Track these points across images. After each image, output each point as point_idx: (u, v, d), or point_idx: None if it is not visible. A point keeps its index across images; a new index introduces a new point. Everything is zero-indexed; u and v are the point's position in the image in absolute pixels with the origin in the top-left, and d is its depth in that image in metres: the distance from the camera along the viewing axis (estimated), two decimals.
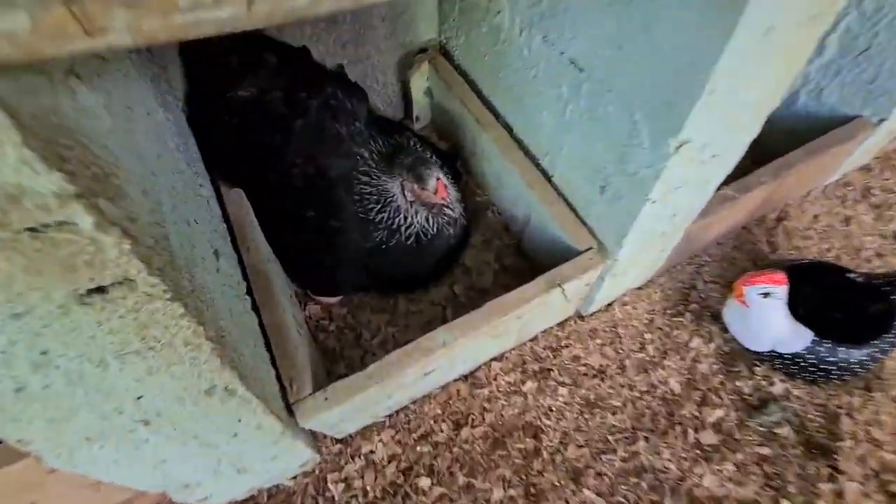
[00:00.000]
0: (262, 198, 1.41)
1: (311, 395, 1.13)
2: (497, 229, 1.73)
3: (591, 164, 1.25)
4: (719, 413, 1.47)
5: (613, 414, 1.48)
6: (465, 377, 1.53)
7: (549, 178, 1.46)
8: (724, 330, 1.61)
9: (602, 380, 1.54)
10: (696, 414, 1.48)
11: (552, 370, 1.55)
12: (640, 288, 1.70)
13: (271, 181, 1.37)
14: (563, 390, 1.52)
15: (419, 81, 1.81)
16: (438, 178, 1.37)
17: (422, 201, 1.40)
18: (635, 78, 0.99)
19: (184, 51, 1.36)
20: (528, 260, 1.67)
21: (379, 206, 1.40)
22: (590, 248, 1.32)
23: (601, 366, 1.56)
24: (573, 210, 1.40)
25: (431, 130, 2.00)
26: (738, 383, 1.52)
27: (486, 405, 1.49)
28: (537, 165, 1.49)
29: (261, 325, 1.22)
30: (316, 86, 1.37)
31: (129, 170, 0.63)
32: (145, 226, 0.60)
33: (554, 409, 1.48)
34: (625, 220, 1.20)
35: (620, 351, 1.59)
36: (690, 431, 1.44)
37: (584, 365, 1.57)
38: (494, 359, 1.56)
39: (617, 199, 1.20)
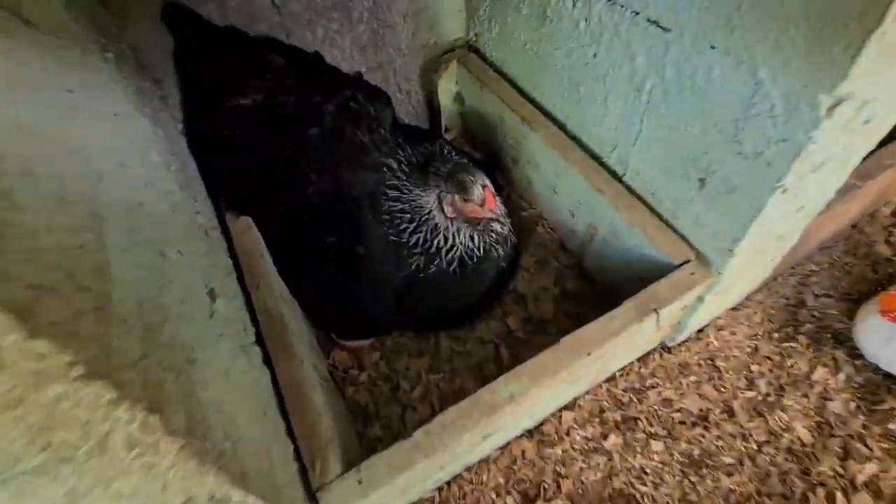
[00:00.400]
0: (274, 224, 1.18)
1: (339, 476, 0.84)
2: (551, 247, 1.45)
3: (681, 153, 0.97)
4: (871, 468, 1.11)
5: (729, 475, 1.14)
6: (529, 433, 1.22)
7: (619, 178, 1.19)
8: (854, 355, 1.26)
9: (705, 429, 1.21)
10: (840, 471, 1.12)
11: (639, 419, 1.23)
12: (735, 308, 1.37)
13: (283, 203, 1.14)
14: (656, 445, 1.19)
15: (447, 85, 1.59)
16: (485, 186, 1.11)
17: (465, 216, 1.14)
18: (758, 19, 0.73)
19: (178, 55, 1.17)
20: (593, 282, 1.38)
21: (413, 226, 1.14)
22: (687, 262, 1.03)
23: (701, 410, 1.23)
24: (656, 214, 1.11)
25: (463, 141, 1.77)
26: (891, 426, 1.16)
27: (560, 469, 1.17)
28: (602, 164, 1.22)
29: (274, 380, 0.96)
30: (332, 88, 1.15)
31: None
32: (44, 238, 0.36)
33: (649, 470, 1.15)
34: (739, 220, 0.91)
35: (723, 389, 1.26)
36: (839, 496, 1.08)
37: (679, 410, 1.24)
38: (565, 407, 1.25)
39: (725, 193, 0.91)
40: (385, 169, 1.17)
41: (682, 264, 1.02)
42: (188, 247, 0.80)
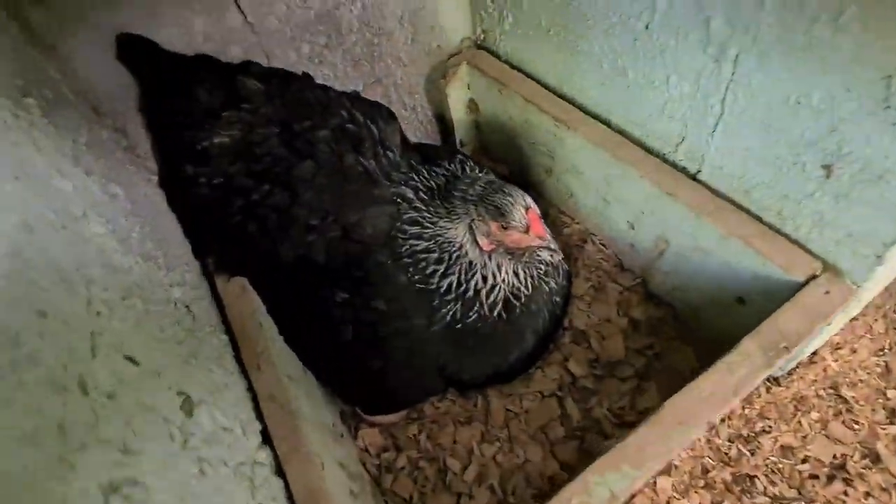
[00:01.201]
0: (272, 284, 0.96)
1: None
2: (607, 268, 1.20)
3: (791, 135, 0.73)
4: None
5: None
6: None
7: (692, 177, 0.95)
8: None
9: (847, 483, 0.93)
10: None
11: (756, 477, 0.96)
12: (853, 318, 1.10)
13: (279, 258, 0.92)
14: None
15: (458, 93, 1.37)
16: (528, 208, 0.87)
17: (506, 247, 0.91)
18: None
19: (143, 96, 0.97)
20: (664, 306, 1.12)
21: (442, 268, 0.91)
22: (813, 276, 0.77)
23: (836, 458, 0.96)
24: (754, 217, 0.86)
25: (481, 155, 1.54)
26: None
27: None
28: (665, 161, 0.98)
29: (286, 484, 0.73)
30: (322, 110, 0.94)
31: None
32: None
33: None
34: (891, 216, 0.66)
35: (857, 426, 0.99)
36: None
37: (806, 460, 0.97)
38: (659, 471, 0.98)
39: (867, 182, 0.67)
40: (399, 200, 0.95)
41: (807, 281, 0.76)
42: (147, 348, 0.58)
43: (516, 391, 1.06)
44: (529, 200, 0.89)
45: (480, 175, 0.98)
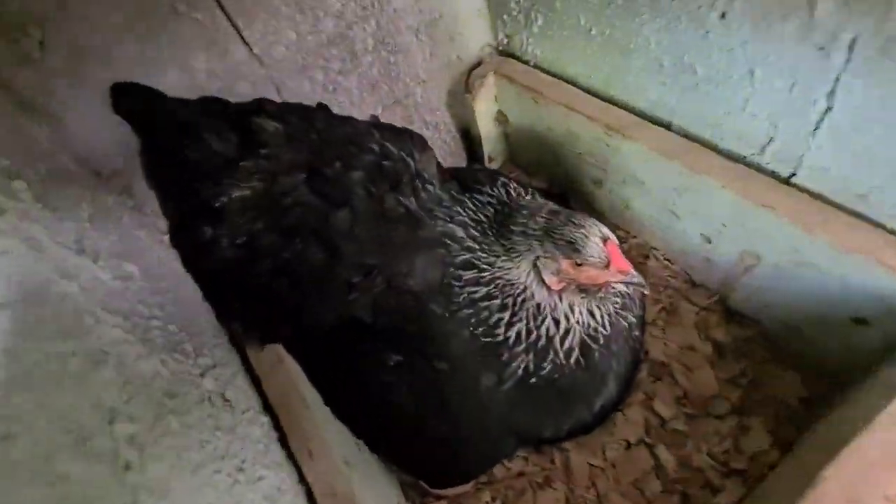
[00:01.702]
0: (313, 350, 0.84)
1: None
2: (675, 285, 1.07)
3: None
4: None
5: None
6: None
7: (786, 181, 0.82)
8: None
9: None
10: None
11: None
12: None
13: (320, 323, 0.80)
14: None
15: (485, 106, 1.25)
16: (606, 239, 0.75)
17: (580, 284, 0.78)
18: None
19: (146, 152, 0.85)
20: (751, 324, 0.99)
21: (507, 316, 0.80)
22: None
23: None
24: (877, 225, 0.73)
25: (511, 168, 1.42)
26: None
27: None
28: (747, 165, 0.85)
29: None
30: (351, 147, 0.82)
31: None
32: None
33: None
34: None
35: None
36: None
37: None
38: None
39: None
40: (448, 241, 0.82)
41: None
42: (189, 485, 0.46)
43: (597, 441, 0.93)
44: (605, 230, 0.76)
45: (539, 202, 0.86)
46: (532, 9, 1.08)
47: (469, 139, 1.40)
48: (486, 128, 1.31)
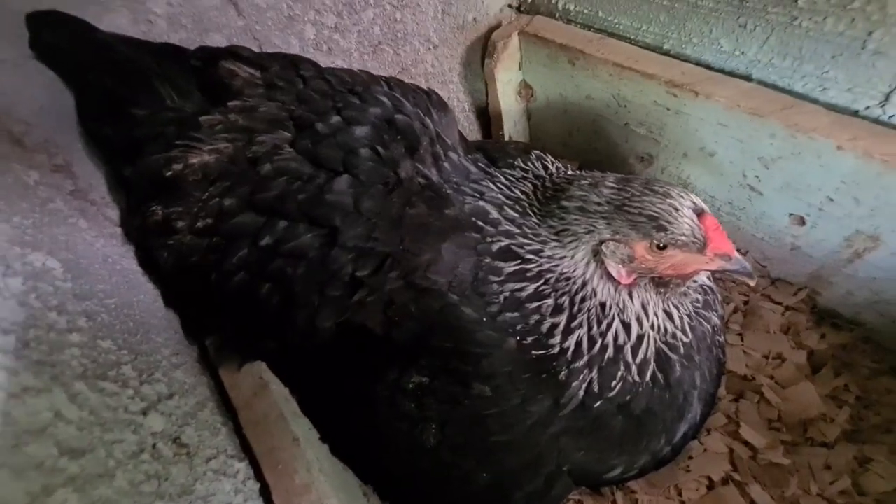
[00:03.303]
0: (306, 370, 0.64)
1: None
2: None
3: None
4: None
5: None
6: None
7: None
8: None
9: None
10: None
11: None
12: None
13: (317, 332, 0.59)
14: None
15: (508, 74, 1.07)
16: (700, 212, 0.55)
17: (661, 275, 0.59)
18: None
19: (81, 111, 0.65)
20: (850, 326, 0.80)
21: (564, 320, 0.60)
22: None
23: None
24: None
25: None
26: None
27: None
28: (865, 119, 0.66)
29: None
30: (355, 98, 0.62)
31: None
32: None
33: None
34: None
35: None
36: None
37: None
38: None
39: None
40: (481, 223, 0.62)
41: None
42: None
43: (671, 479, 0.73)
44: (698, 200, 0.57)
45: (601, 174, 0.65)
46: None
47: (484, 117, 1.20)
48: (508, 103, 1.12)
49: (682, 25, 0.81)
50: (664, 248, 0.57)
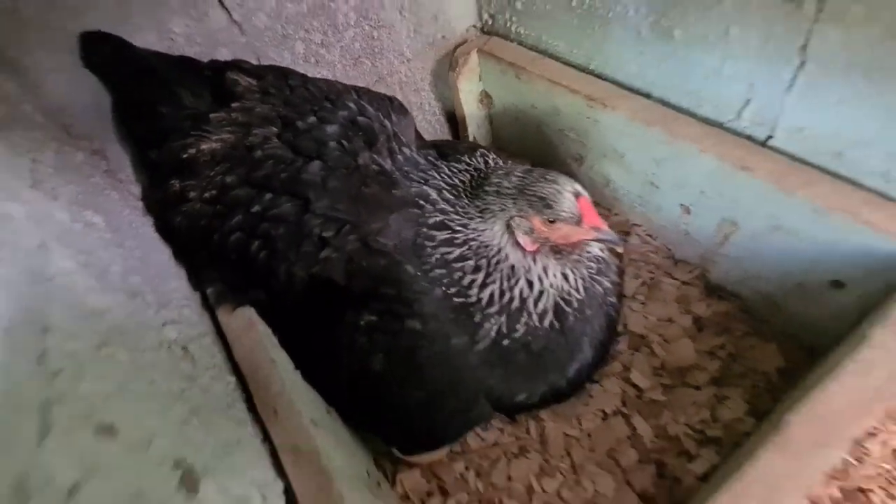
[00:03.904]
0: (285, 312, 0.82)
1: None
2: (657, 261, 1.06)
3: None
4: None
5: None
6: None
7: (763, 143, 0.81)
8: None
9: None
10: None
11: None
12: None
13: (290, 281, 0.78)
14: None
15: (469, 85, 1.25)
16: (579, 195, 0.74)
17: (553, 244, 0.77)
18: None
19: (118, 108, 0.84)
20: (732, 298, 0.98)
21: (481, 277, 0.78)
22: None
23: None
24: (854, 183, 0.73)
25: (495, 152, 1.41)
26: None
27: None
28: (726, 131, 0.85)
29: None
30: (329, 103, 0.81)
31: None
32: None
33: None
34: None
35: None
36: None
37: None
38: None
39: None
40: (422, 202, 0.81)
41: None
42: (132, 411, 0.45)
43: (573, 411, 0.91)
44: (578, 186, 0.76)
45: (513, 166, 0.85)
46: None
47: (454, 122, 1.39)
48: (471, 109, 1.31)
49: (600, 50, 1.00)
50: (553, 221, 0.75)
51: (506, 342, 0.79)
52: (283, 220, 0.77)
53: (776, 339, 0.90)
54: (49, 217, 0.56)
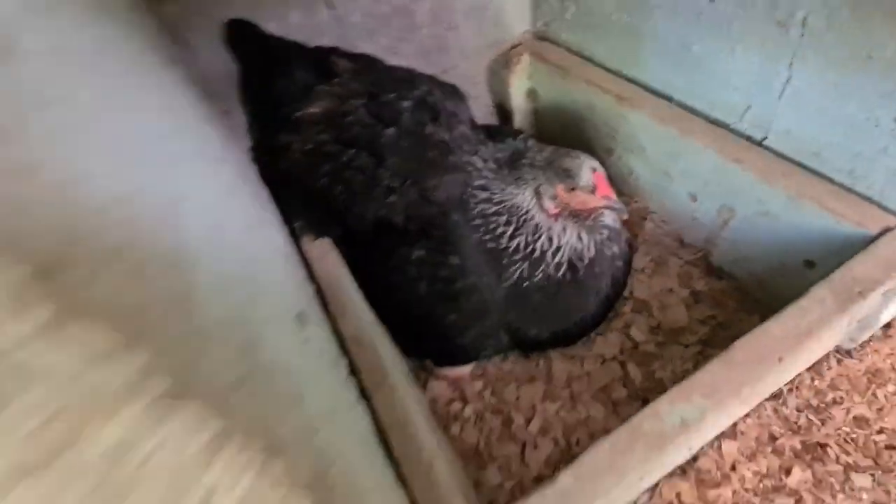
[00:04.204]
0: (355, 245, 1.05)
1: None
2: (667, 244, 1.23)
3: (865, 91, 0.75)
4: None
5: None
6: (682, 469, 0.97)
7: (759, 143, 0.97)
8: None
9: None
10: None
11: (827, 445, 0.95)
12: None
13: (363, 220, 1.02)
14: (862, 480, 0.90)
15: (519, 82, 1.45)
16: (594, 170, 0.93)
17: (573, 209, 0.96)
18: None
19: (243, 80, 1.11)
20: (728, 279, 1.13)
21: (511, 229, 0.98)
22: (887, 230, 0.78)
23: None
24: (825, 178, 0.88)
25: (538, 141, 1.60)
26: None
27: None
28: (731, 131, 1.01)
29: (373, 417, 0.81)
30: (406, 86, 1.04)
31: None
32: None
33: None
34: None
35: None
36: None
37: (882, 431, 0.95)
38: (723, 435, 0.99)
39: None
40: (470, 169, 1.02)
41: (881, 233, 0.77)
42: (269, 268, 0.68)
43: (578, 354, 1.10)
44: (596, 163, 0.94)
45: (546, 146, 1.04)
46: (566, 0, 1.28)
47: (503, 113, 1.60)
48: (518, 103, 1.51)
49: (634, 58, 1.17)
50: (573, 189, 0.94)
51: (525, 284, 0.99)
52: (361, 171, 1.00)
53: (759, 312, 1.05)
54: (217, 141, 0.82)
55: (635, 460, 0.67)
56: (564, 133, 1.45)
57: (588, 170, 0.92)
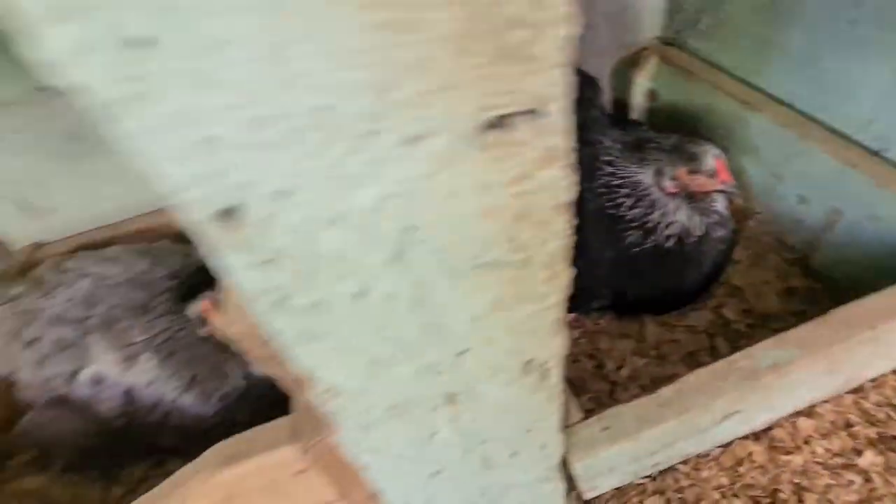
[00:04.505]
0: None
1: (582, 420, 0.83)
2: (768, 242, 1.33)
3: None
4: None
5: None
6: (755, 435, 1.08)
7: (875, 153, 1.06)
8: None
9: None
10: None
11: None
12: None
13: None
14: None
15: (642, 81, 1.60)
16: (717, 157, 1.07)
17: (691, 191, 1.11)
18: None
19: None
20: (825, 281, 1.22)
21: (631, 201, 1.14)
22: None
23: None
24: None
25: None
26: None
27: (800, 481, 1.01)
28: (849, 140, 1.11)
29: None
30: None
31: None
32: None
33: None
34: None
35: None
36: None
37: None
38: (800, 412, 1.09)
39: None
40: (598, 145, 1.19)
41: None
42: None
43: (670, 322, 1.23)
44: (719, 151, 1.08)
45: (672, 135, 1.19)
46: (702, 11, 1.41)
47: (619, 108, 1.74)
48: (637, 100, 1.65)
49: (760, 68, 1.28)
50: (695, 172, 1.08)
51: (635, 250, 1.14)
52: None
53: None
54: None
55: (729, 386, 0.81)
56: (678, 132, 1.57)
57: (711, 156, 1.06)
